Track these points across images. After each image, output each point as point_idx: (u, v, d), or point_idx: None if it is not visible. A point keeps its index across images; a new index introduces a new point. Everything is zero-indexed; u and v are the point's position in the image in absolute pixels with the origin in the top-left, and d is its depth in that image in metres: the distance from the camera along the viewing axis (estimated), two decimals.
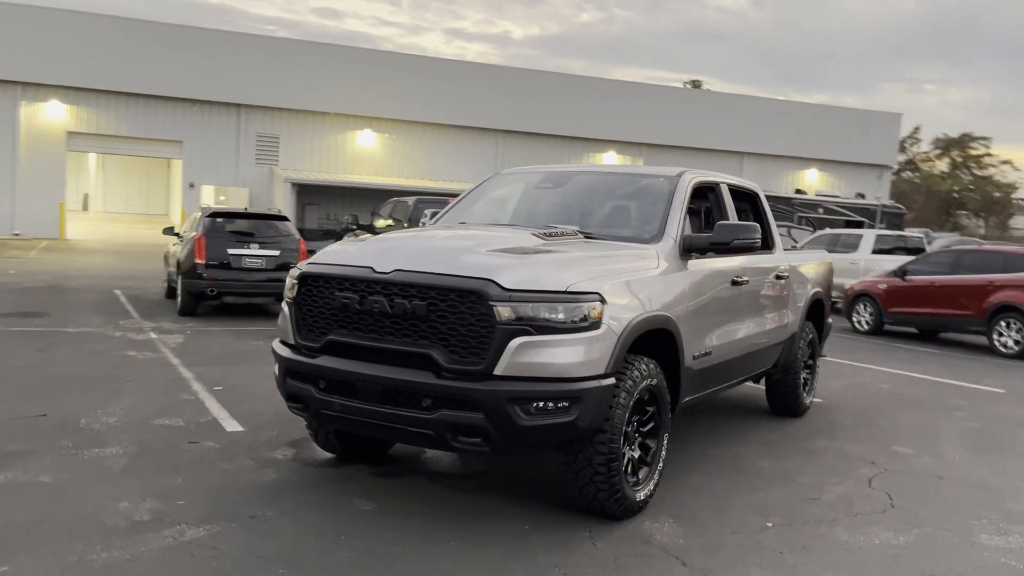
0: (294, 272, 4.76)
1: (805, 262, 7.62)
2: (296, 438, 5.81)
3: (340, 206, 29.95)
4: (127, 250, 24.85)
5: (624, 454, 4.56)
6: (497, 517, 4.59)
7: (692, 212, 6.28)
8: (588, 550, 4.19)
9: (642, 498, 4.68)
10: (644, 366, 4.60)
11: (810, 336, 7.60)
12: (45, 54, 26.62)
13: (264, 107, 29.57)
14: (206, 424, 6.19)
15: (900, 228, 28.88)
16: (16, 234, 27.27)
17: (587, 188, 6.06)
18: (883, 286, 15.00)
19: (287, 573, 3.70)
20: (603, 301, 4.27)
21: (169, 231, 14.36)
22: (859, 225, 27.79)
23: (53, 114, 27.28)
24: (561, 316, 4.13)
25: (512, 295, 4.08)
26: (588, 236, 5.22)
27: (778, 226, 24.69)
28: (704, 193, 6.15)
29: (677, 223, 5.33)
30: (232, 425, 6.18)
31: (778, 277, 6.76)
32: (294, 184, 27.99)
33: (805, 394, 7.66)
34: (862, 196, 33.47)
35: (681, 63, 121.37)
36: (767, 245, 6.98)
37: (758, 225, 5.47)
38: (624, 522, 4.56)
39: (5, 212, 27.07)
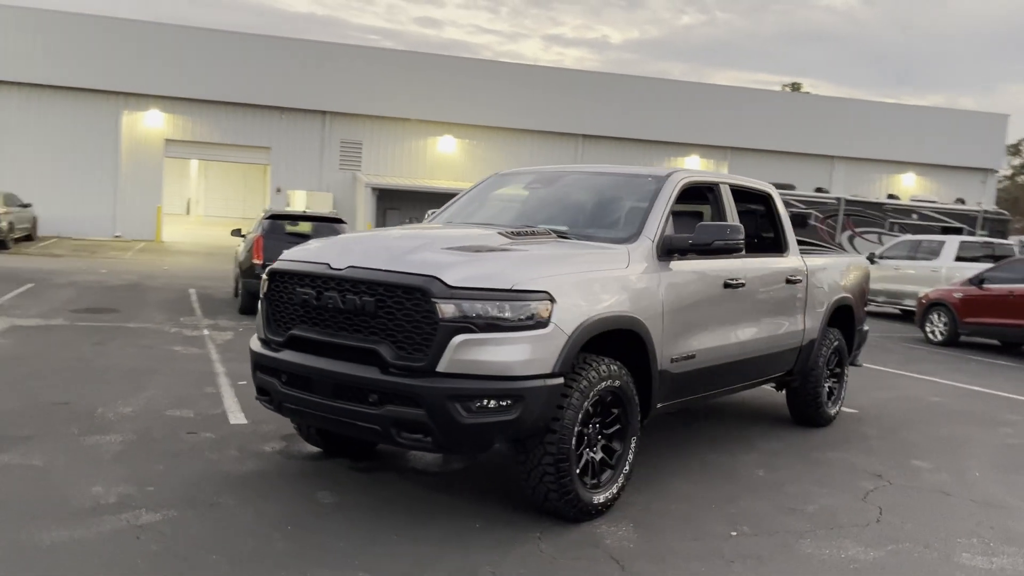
0: (267, 269, 4.91)
1: (827, 266, 7.34)
2: (291, 432, 5.96)
3: (420, 210, 30.45)
4: (217, 252, 25.88)
5: (582, 455, 4.52)
6: (456, 514, 4.61)
7: (691, 214, 6.18)
8: (530, 550, 4.16)
9: (601, 501, 4.61)
10: (604, 367, 4.54)
11: (835, 343, 7.31)
12: (145, 66, 28.08)
13: (348, 114, 30.37)
14: (214, 416, 6.42)
15: (1004, 235, 27.42)
16: (117, 236, 28.83)
17: (575, 188, 6.02)
18: (958, 295, 14.27)
19: (219, 559, 3.82)
20: (552, 300, 4.24)
21: (236, 233, 14.94)
22: (957, 232, 26.55)
23: (152, 122, 28.75)
24: (505, 314, 4.13)
25: (455, 292, 4.10)
26: (562, 236, 5.18)
27: (868, 233, 23.97)
28: (703, 194, 6.02)
29: (657, 224, 5.23)
30: (238, 418, 6.39)
31: (789, 280, 6.54)
32: (375, 189, 28.64)
33: (830, 404, 7.38)
34: (962, 201, 31.87)
35: (784, 65, 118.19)
36: (779, 247, 6.78)
37: (741, 226, 5.33)
38: (580, 525, 4.51)
39: (108, 215, 28.66)
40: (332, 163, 30.51)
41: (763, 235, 6.90)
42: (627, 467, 4.81)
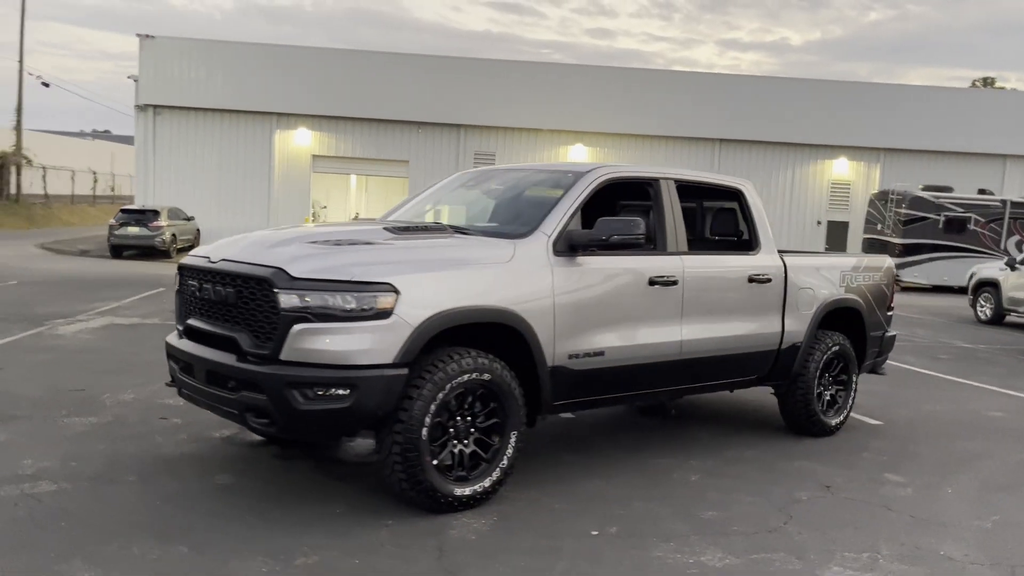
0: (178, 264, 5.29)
1: (817, 266, 6.89)
2: None
3: None
4: None
5: (445, 445, 4.57)
6: (330, 500, 4.75)
7: (631, 209, 6.05)
8: (369, 538, 4.25)
9: (467, 494, 4.62)
10: (469, 360, 4.56)
11: (834, 348, 6.84)
12: (295, 88, 30.10)
13: (481, 126, 31.12)
14: None
15: None
16: None
17: (500, 185, 6.03)
18: None
19: (68, 526, 4.19)
20: (396, 292, 4.33)
21: None
22: None
23: (301, 140, 30.72)
24: (344, 305, 4.25)
25: (297, 283, 4.28)
26: (461, 231, 5.22)
27: None
28: (643, 190, 5.88)
29: (558, 219, 5.16)
30: None
31: (753, 280, 6.22)
32: None
33: (831, 412, 6.92)
34: None
35: (985, 59, 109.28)
36: (750, 245, 6.47)
37: (641, 220, 5.16)
38: (439, 516, 4.54)
39: (262, 227, 30.84)
40: None
41: (731, 232, 6.60)
42: (505, 461, 4.79)
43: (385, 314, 4.30)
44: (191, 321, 4.91)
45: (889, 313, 7.64)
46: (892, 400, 8.62)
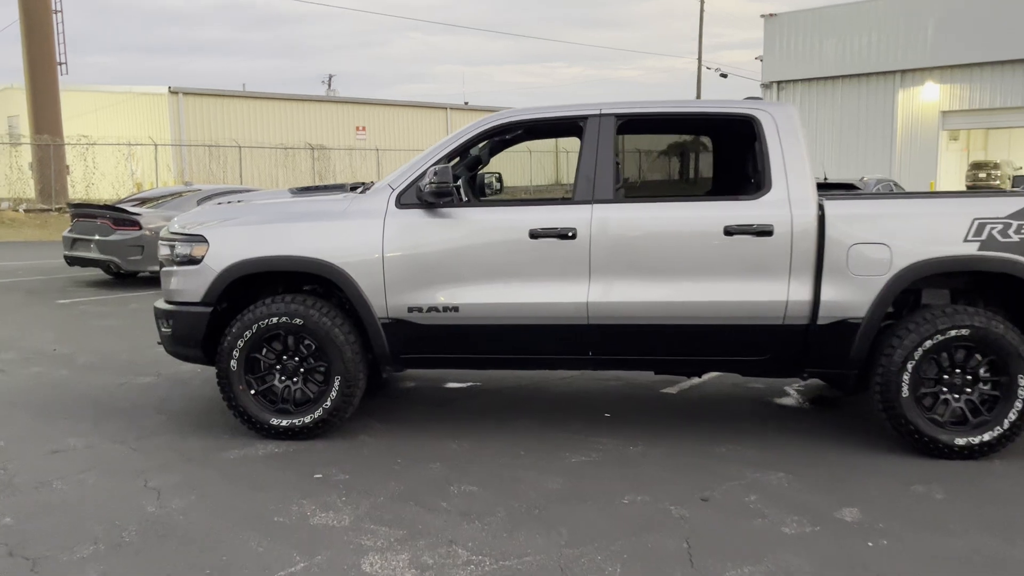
0: None
1: (899, 213, 4.67)
2: None
3: None
4: None
5: (273, 379, 5.13)
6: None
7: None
8: (203, 441, 5.16)
9: (284, 425, 5.05)
10: (281, 304, 5.01)
11: (955, 332, 4.61)
12: (918, 40, 27.32)
13: None
14: None
15: None
16: None
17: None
18: None
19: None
20: (207, 243, 5.09)
21: None
22: None
23: (927, 96, 27.73)
24: (175, 252, 5.23)
25: (167, 237, 5.39)
26: (360, 188, 5.42)
27: None
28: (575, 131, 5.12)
29: (413, 171, 5.02)
30: None
31: (733, 232, 4.72)
32: None
33: (960, 427, 4.74)
34: None
35: None
36: (757, 188, 4.90)
37: (448, 168, 4.71)
38: (263, 441, 5.11)
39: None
40: None
41: (727, 172, 5.00)
42: (328, 403, 5.03)
43: (197, 261, 5.12)
44: None
45: None
46: None
